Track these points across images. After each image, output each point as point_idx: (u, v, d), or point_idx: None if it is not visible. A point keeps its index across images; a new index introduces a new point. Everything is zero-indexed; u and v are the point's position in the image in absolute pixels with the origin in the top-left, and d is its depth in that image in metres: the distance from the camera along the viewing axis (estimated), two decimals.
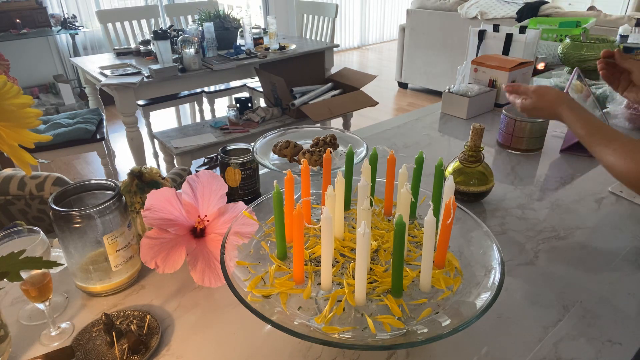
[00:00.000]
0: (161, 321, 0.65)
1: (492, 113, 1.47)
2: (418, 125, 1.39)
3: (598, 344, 0.62)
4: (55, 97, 3.91)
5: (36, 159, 0.60)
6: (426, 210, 0.56)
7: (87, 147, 2.38)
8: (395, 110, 4.23)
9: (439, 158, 0.68)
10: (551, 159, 1.16)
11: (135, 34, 3.21)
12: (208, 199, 0.71)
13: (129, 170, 0.76)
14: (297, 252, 0.57)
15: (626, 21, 3.01)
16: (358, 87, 2.79)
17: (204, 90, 3.30)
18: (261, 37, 3.11)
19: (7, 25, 3.55)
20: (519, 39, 1.62)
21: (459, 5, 3.93)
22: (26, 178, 1.08)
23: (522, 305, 0.68)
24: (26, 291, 0.59)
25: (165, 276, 0.74)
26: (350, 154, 0.72)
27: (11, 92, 0.47)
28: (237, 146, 0.95)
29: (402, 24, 4.46)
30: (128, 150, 2.54)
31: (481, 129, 0.88)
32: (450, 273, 0.61)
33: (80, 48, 4.00)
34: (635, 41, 1.81)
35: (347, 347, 0.57)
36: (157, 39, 2.36)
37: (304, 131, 1.07)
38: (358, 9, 6.48)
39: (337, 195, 0.65)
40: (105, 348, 0.60)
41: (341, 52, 6.43)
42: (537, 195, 0.99)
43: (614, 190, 0.99)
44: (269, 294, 0.58)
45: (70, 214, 0.63)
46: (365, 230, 0.50)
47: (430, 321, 0.54)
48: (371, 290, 0.58)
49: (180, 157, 2.27)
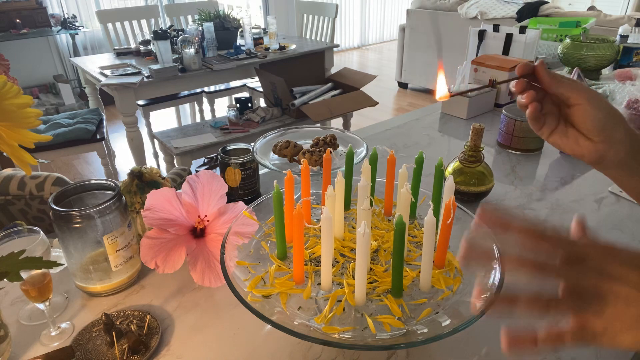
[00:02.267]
0: (161, 321, 0.65)
1: (492, 113, 1.47)
2: (418, 125, 1.39)
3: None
4: (55, 97, 3.90)
5: (36, 159, 0.60)
6: (426, 210, 0.56)
7: (87, 147, 2.38)
8: (395, 110, 4.23)
9: (439, 158, 0.68)
10: (551, 159, 1.16)
11: (135, 34, 3.21)
12: (208, 199, 0.71)
13: (129, 170, 0.76)
14: (297, 252, 0.57)
15: (626, 21, 3.01)
16: (358, 87, 2.79)
17: (204, 90, 3.30)
18: (261, 37, 3.11)
19: (7, 25, 3.55)
20: (519, 39, 1.62)
21: (459, 5, 3.93)
22: (26, 178, 1.08)
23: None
24: (26, 291, 0.59)
25: (165, 276, 0.74)
26: (350, 154, 0.72)
27: (11, 92, 0.47)
28: (237, 146, 0.95)
29: (402, 24, 4.46)
30: (128, 150, 2.54)
31: (481, 128, 0.88)
32: (450, 273, 0.61)
33: (80, 48, 4.00)
34: (635, 41, 1.81)
35: (347, 347, 0.57)
36: (157, 39, 2.36)
37: (304, 131, 1.07)
38: (358, 9, 6.48)
39: (337, 195, 0.65)
40: (105, 348, 0.60)
41: (341, 52, 6.43)
42: (537, 195, 0.99)
43: (614, 190, 0.99)
44: (269, 294, 0.58)
45: (70, 214, 0.63)
46: (365, 230, 0.50)
47: (430, 321, 0.54)
48: (371, 290, 0.58)
49: (180, 157, 2.27)
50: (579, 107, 0.50)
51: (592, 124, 0.50)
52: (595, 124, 0.50)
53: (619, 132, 0.50)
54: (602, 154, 0.51)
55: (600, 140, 0.50)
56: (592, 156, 0.51)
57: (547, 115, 0.53)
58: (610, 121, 0.50)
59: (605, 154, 0.50)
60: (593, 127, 0.50)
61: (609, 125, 0.50)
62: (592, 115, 0.49)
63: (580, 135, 0.51)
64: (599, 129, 0.50)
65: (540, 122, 0.53)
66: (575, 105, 0.50)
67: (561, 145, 0.53)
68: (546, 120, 0.53)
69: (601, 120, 0.49)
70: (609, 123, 0.50)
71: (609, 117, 0.50)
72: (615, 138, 0.50)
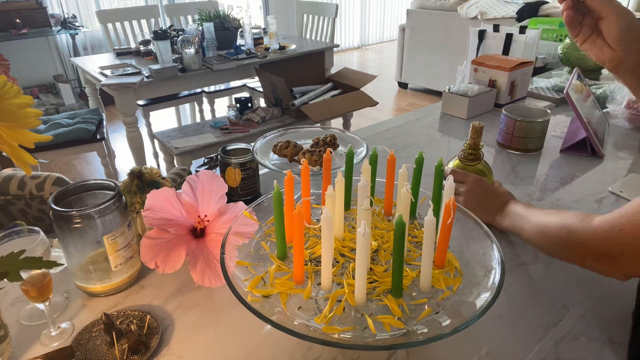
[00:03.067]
0: (161, 321, 0.65)
1: (492, 113, 1.47)
2: (418, 125, 1.39)
3: (598, 344, 0.62)
4: (55, 97, 3.91)
5: (36, 159, 0.60)
6: (426, 210, 0.56)
7: (87, 147, 2.38)
8: (395, 110, 4.23)
9: (439, 158, 0.68)
10: (551, 159, 1.16)
11: (135, 34, 3.21)
12: (208, 199, 0.71)
13: (129, 170, 0.76)
14: (297, 252, 0.57)
15: None
16: (358, 87, 2.79)
17: (204, 90, 3.30)
18: (261, 37, 3.11)
19: (7, 25, 3.56)
20: (519, 39, 1.62)
21: (459, 5, 3.93)
22: (26, 178, 1.08)
23: (522, 305, 0.68)
24: (26, 291, 0.59)
25: (165, 276, 0.74)
26: (350, 154, 0.72)
27: (11, 92, 0.47)
28: (237, 146, 0.95)
29: (402, 24, 4.46)
30: (128, 150, 2.54)
31: (480, 127, 0.88)
32: (450, 273, 0.61)
33: (80, 48, 4.01)
34: None
35: (347, 347, 0.57)
36: (157, 39, 2.36)
37: (304, 131, 1.07)
38: (358, 9, 6.48)
39: (337, 195, 0.65)
40: (105, 348, 0.60)
41: (341, 52, 6.43)
42: (537, 195, 0.99)
43: (614, 190, 0.99)
44: (269, 294, 0.58)
45: (70, 214, 0.63)
46: (365, 230, 0.50)
47: (430, 321, 0.54)
48: (371, 290, 0.58)
49: (180, 157, 2.27)
50: (606, 19, 0.60)
51: (614, 33, 0.59)
52: (617, 34, 0.59)
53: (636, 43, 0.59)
54: (619, 60, 0.60)
55: (620, 48, 0.59)
56: (611, 62, 0.62)
57: (585, 26, 0.63)
58: (631, 33, 0.59)
59: (622, 61, 0.60)
60: (615, 36, 0.59)
61: (628, 36, 0.59)
62: (615, 26, 0.59)
63: (605, 44, 0.61)
64: (620, 39, 0.59)
65: (577, 30, 0.64)
66: (604, 17, 0.60)
67: (589, 51, 0.65)
68: (582, 30, 0.64)
69: (622, 31, 0.59)
70: (629, 34, 0.59)
71: (630, 30, 0.59)
72: (633, 47, 0.59)
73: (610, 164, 1.11)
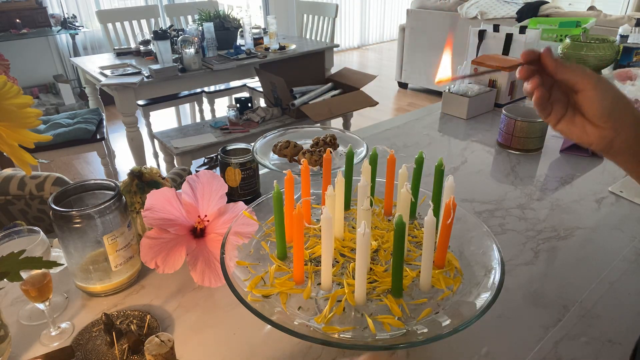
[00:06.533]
0: (161, 321, 0.65)
1: (492, 113, 1.47)
2: (418, 125, 1.39)
3: (598, 344, 0.62)
4: (55, 97, 3.90)
5: (36, 159, 0.60)
6: (426, 210, 0.56)
7: (87, 147, 2.38)
8: (395, 110, 4.23)
9: (439, 158, 0.68)
10: (551, 159, 1.16)
11: (135, 34, 3.21)
12: (208, 199, 0.71)
13: (129, 170, 0.76)
14: (297, 252, 0.57)
15: (626, 21, 3.01)
16: (358, 87, 2.78)
17: (204, 90, 3.29)
18: (261, 37, 3.11)
19: (7, 25, 3.55)
20: (519, 39, 1.62)
21: (459, 5, 3.93)
22: (26, 178, 1.08)
23: (522, 305, 0.68)
24: (26, 291, 0.59)
25: (165, 276, 0.74)
26: (350, 154, 0.72)
27: (11, 92, 0.47)
28: (237, 146, 0.95)
29: (402, 24, 4.46)
30: (128, 150, 2.54)
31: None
32: (450, 273, 0.61)
33: (80, 48, 4.00)
34: (635, 41, 1.81)
35: (347, 347, 0.57)
36: (157, 39, 2.36)
37: (304, 131, 1.07)
38: (358, 9, 6.48)
39: (337, 195, 0.65)
40: (105, 348, 0.60)
41: (341, 52, 6.43)
42: (537, 195, 0.99)
43: (614, 190, 0.99)
44: (269, 294, 0.58)
45: (70, 214, 0.63)
46: (365, 230, 0.50)
47: (430, 321, 0.54)
48: (371, 290, 0.58)
49: (180, 157, 2.27)
50: (585, 93, 0.48)
51: (598, 110, 0.48)
52: (601, 110, 0.48)
53: (627, 117, 0.48)
54: (609, 140, 0.49)
55: (607, 126, 0.48)
56: (599, 143, 0.50)
57: (555, 102, 0.51)
58: (618, 107, 0.48)
59: (613, 140, 0.49)
60: (600, 113, 0.48)
61: (616, 111, 0.48)
62: (598, 101, 0.48)
63: (587, 122, 0.50)
64: (606, 115, 0.48)
65: (547, 110, 0.51)
66: (581, 91, 0.48)
67: (568, 133, 0.52)
68: (554, 107, 0.51)
69: (608, 106, 0.48)
70: (616, 109, 0.48)
71: (616, 103, 0.48)
72: (622, 124, 0.48)
73: (610, 164, 1.11)
